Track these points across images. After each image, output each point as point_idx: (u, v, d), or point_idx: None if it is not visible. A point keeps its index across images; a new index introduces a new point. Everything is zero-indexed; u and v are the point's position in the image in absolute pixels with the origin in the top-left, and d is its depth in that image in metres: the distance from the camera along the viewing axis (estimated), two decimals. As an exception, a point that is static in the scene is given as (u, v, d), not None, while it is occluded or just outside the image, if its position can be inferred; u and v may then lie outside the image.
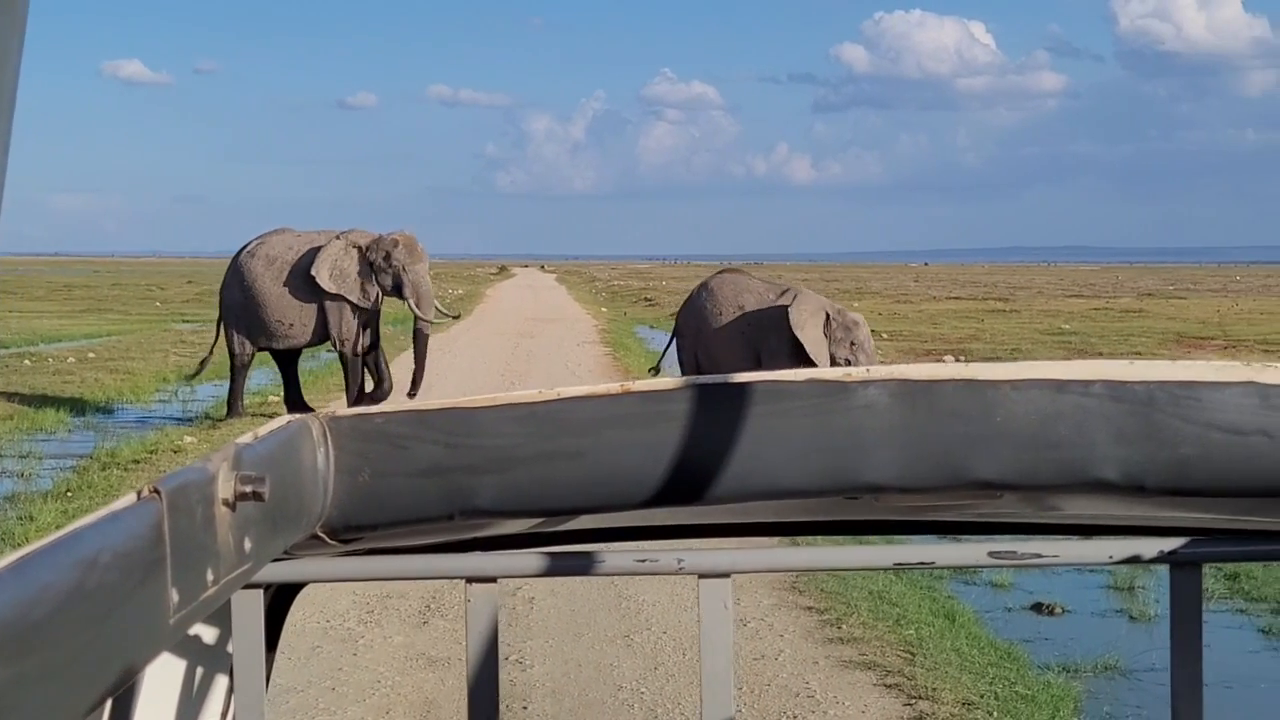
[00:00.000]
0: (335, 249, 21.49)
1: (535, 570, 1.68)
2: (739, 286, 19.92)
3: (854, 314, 19.84)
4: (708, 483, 1.54)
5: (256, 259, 21.82)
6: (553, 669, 9.25)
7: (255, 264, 21.76)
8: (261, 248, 21.96)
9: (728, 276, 20.40)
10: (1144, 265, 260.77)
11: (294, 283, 21.50)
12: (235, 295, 21.93)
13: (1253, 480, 1.52)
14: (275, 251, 21.77)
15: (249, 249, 22.08)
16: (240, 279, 21.84)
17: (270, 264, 21.66)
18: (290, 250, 21.73)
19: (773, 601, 10.84)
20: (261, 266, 21.69)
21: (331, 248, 21.47)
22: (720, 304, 19.65)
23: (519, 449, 1.54)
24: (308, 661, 9.31)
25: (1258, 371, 1.51)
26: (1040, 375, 1.52)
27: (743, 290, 19.79)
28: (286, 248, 21.81)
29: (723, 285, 19.96)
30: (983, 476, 1.53)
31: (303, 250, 21.67)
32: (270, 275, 21.59)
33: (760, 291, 19.75)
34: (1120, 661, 9.82)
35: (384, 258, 21.58)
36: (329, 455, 1.55)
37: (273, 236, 22.21)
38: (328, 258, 21.32)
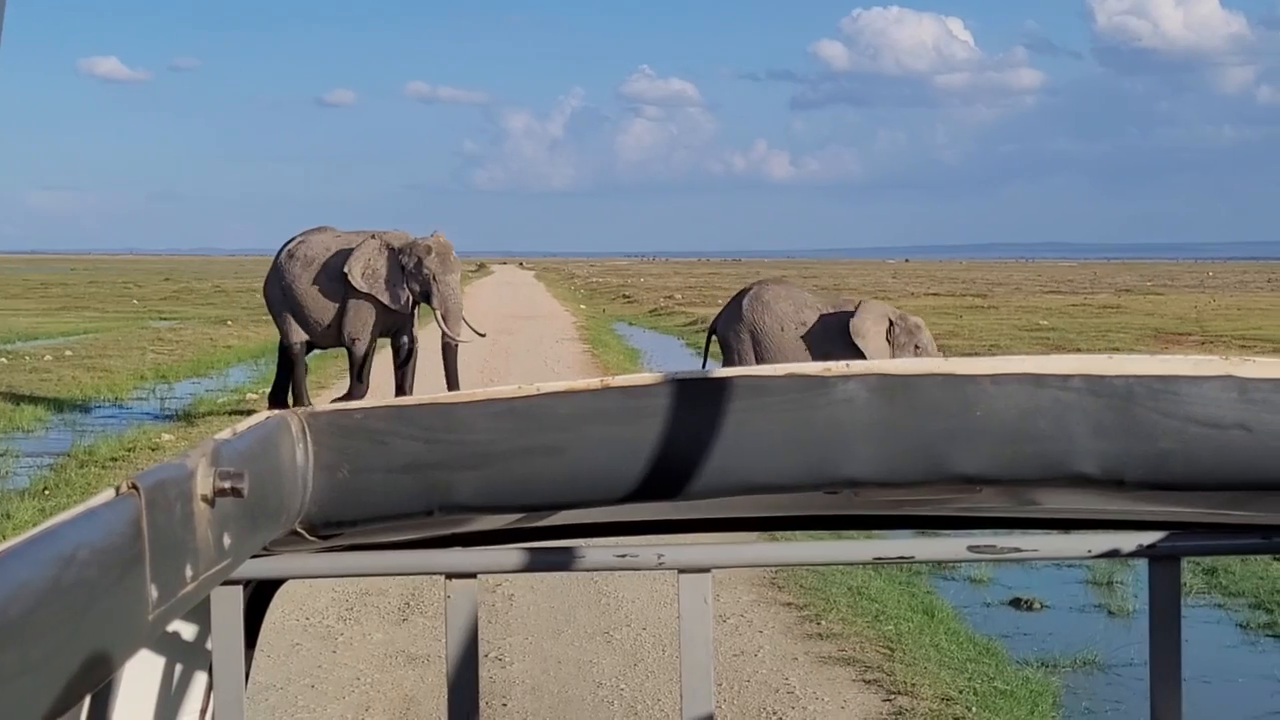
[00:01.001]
0: (370, 248, 21.08)
1: (515, 566, 1.67)
2: (797, 301, 19.66)
3: (915, 318, 19.74)
4: (687, 478, 1.54)
5: (295, 260, 21.51)
6: (532, 666, 9.25)
7: (294, 265, 21.46)
8: (301, 248, 21.62)
9: (779, 289, 20.02)
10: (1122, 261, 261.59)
11: (328, 283, 21.17)
12: (275, 292, 21.68)
13: (1231, 474, 1.52)
14: (313, 252, 21.43)
15: (289, 249, 21.79)
16: (280, 278, 21.59)
17: (308, 265, 21.34)
18: (328, 251, 21.36)
19: (752, 597, 10.84)
20: (299, 268, 21.38)
21: (366, 246, 21.08)
22: (780, 317, 19.35)
23: (498, 444, 1.54)
24: (287, 659, 9.30)
25: (1235, 365, 1.51)
26: (1019, 370, 1.53)
27: (802, 305, 19.56)
28: (325, 249, 21.43)
29: (778, 298, 19.62)
30: (962, 471, 1.53)
31: (341, 252, 21.28)
32: (308, 276, 21.27)
33: (818, 305, 19.61)
34: (1099, 656, 9.84)
35: (415, 264, 21.05)
36: (308, 451, 1.55)
37: (312, 236, 21.85)
38: (361, 256, 20.93)
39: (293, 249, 21.71)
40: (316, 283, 21.25)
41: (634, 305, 64.83)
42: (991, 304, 61.49)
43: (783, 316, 19.43)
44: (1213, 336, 40.04)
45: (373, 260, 21.00)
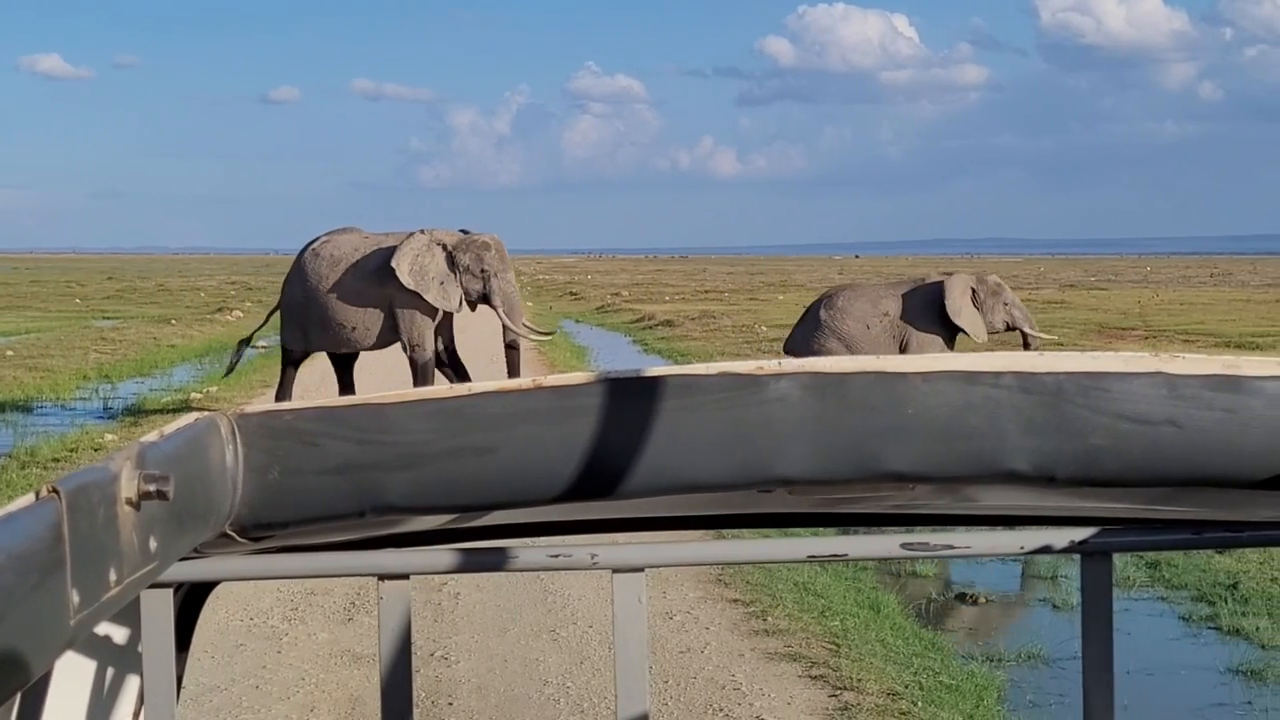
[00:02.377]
0: (418, 243, 20.01)
1: (448, 566, 1.67)
2: (870, 296, 19.77)
3: (993, 276, 19.90)
4: (620, 477, 1.54)
5: (321, 259, 20.50)
6: (478, 664, 9.23)
7: (319, 264, 20.44)
8: (326, 247, 20.66)
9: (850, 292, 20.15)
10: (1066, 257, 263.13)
11: (358, 284, 20.14)
12: (296, 293, 20.66)
13: (1161, 470, 1.53)
14: (341, 252, 20.44)
15: (313, 248, 20.80)
16: (303, 278, 20.55)
17: (335, 264, 20.32)
18: (357, 251, 20.39)
19: (699, 594, 10.85)
20: (326, 267, 20.35)
21: (414, 242, 20.01)
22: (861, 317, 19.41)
23: (430, 445, 1.53)
24: (231, 659, 9.25)
25: (1165, 362, 1.52)
26: (950, 367, 1.53)
27: (878, 298, 19.66)
28: (353, 248, 20.47)
29: (852, 300, 19.71)
30: (894, 468, 1.54)
31: (369, 251, 20.36)
32: (334, 276, 20.25)
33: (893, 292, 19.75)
34: (1043, 650, 9.91)
35: (474, 260, 20.13)
36: (238, 453, 1.54)
37: (339, 236, 20.93)
38: (409, 252, 19.85)
39: (318, 248, 20.73)
40: (344, 283, 20.23)
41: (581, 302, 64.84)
42: (937, 300, 61.68)
43: (864, 315, 19.48)
44: (1156, 331, 40.34)
45: (421, 257, 19.95)
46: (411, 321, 20.12)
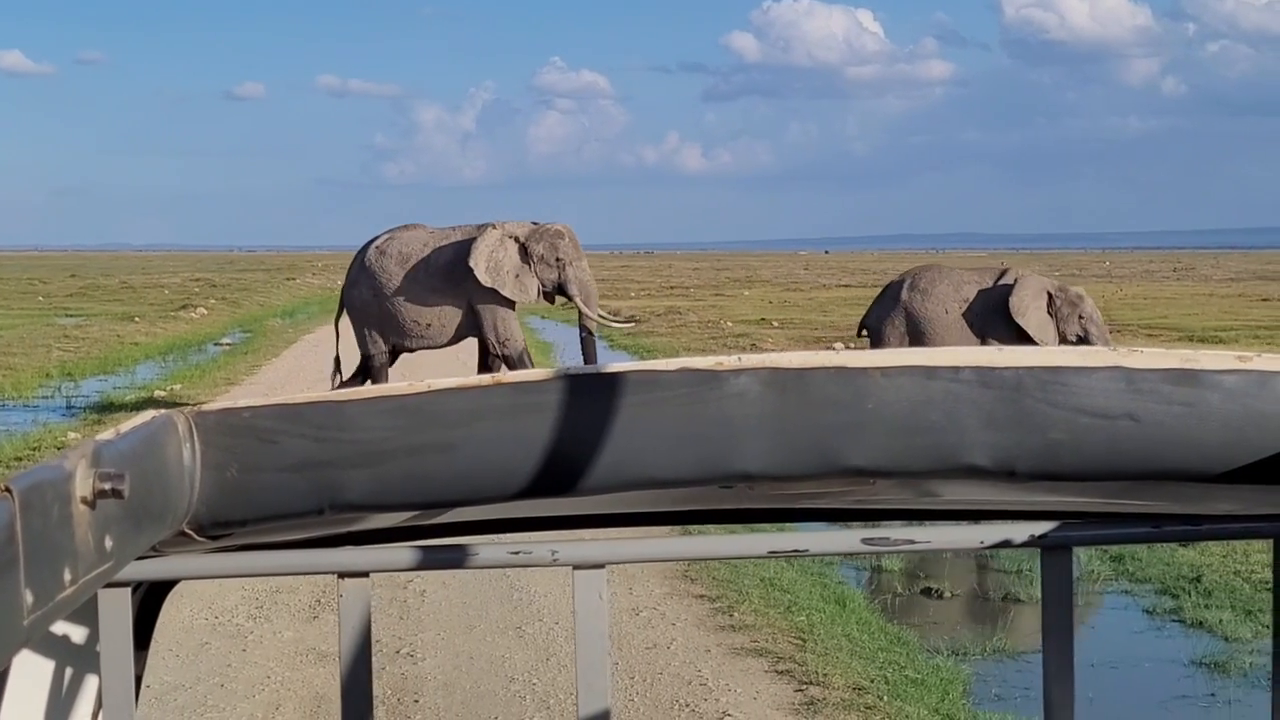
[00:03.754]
0: (491, 239, 19.69)
1: (408, 564, 1.66)
2: (954, 280, 19.50)
3: (1076, 288, 19.67)
4: (581, 473, 1.53)
5: (388, 257, 20.07)
6: (444, 662, 9.21)
7: (388, 262, 20.02)
8: (393, 245, 20.22)
9: (933, 273, 19.84)
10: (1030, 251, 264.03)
11: (431, 281, 19.78)
12: (364, 294, 20.21)
13: (1120, 464, 1.53)
14: (409, 249, 20.05)
15: (378, 245, 20.33)
16: (371, 278, 20.10)
17: (404, 262, 19.92)
18: (425, 247, 20.01)
19: (665, 590, 10.86)
20: (395, 265, 19.94)
21: (488, 238, 19.68)
22: (942, 300, 19.21)
23: (389, 442, 1.52)
24: (196, 658, 9.21)
25: (1123, 356, 1.52)
26: (910, 362, 1.53)
27: (960, 283, 19.41)
28: (421, 244, 20.07)
29: (935, 282, 19.48)
30: (855, 464, 1.54)
31: (438, 246, 19.99)
32: (404, 274, 19.86)
33: (976, 281, 19.45)
34: (1008, 644, 9.95)
35: (549, 249, 19.85)
36: (195, 451, 1.53)
37: (403, 233, 20.45)
38: (484, 248, 19.53)
39: (383, 246, 20.28)
40: (417, 281, 19.83)
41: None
42: (902, 295, 61.88)
43: (944, 299, 19.30)
44: (1120, 325, 40.49)
45: (495, 252, 19.63)
46: (495, 317, 19.83)
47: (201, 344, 36.96)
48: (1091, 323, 19.10)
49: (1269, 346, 31.86)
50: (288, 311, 52.45)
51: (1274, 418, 1.52)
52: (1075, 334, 18.89)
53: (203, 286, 67.03)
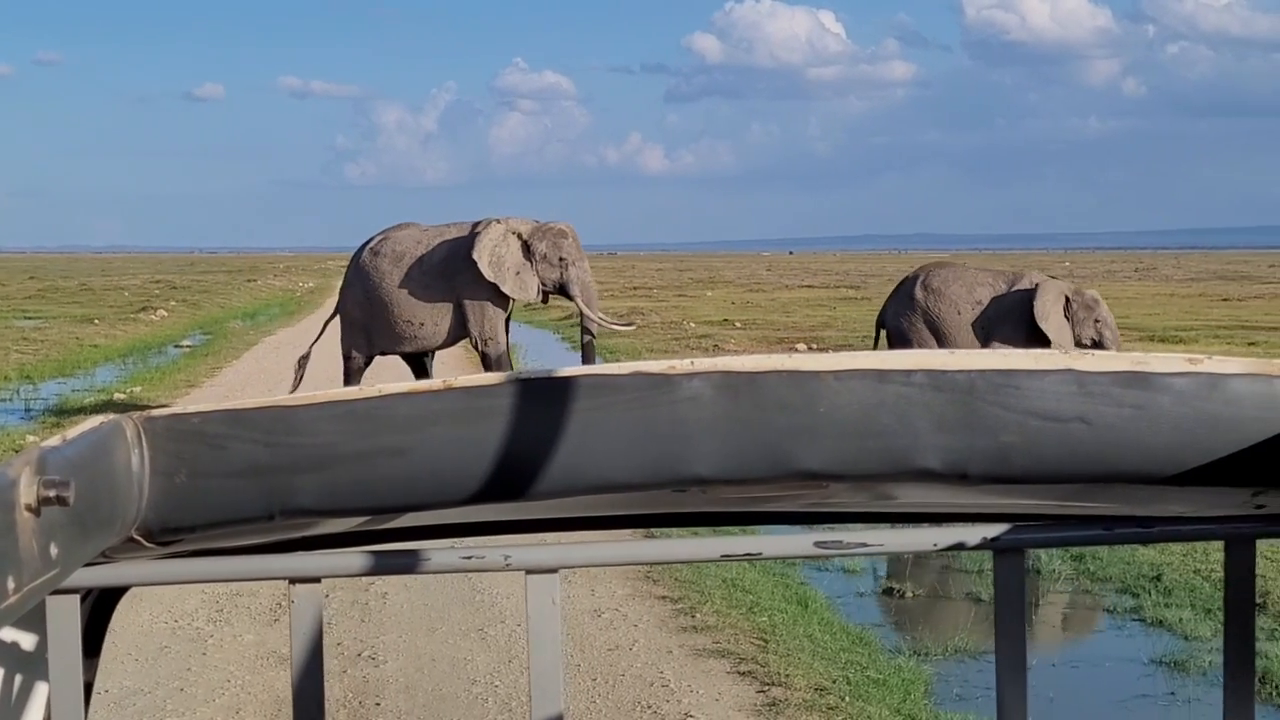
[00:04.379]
0: (495, 233, 19.25)
1: (360, 569, 1.65)
2: (968, 281, 19.41)
3: (1091, 291, 19.56)
4: (533, 478, 1.53)
5: (383, 257, 19.65)
6: (406, 664, 9.19)
7: (381, 262, 19.60)
8: (386, 244, 19.81)
9: (948, 272, 19.71)
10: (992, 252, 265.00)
11: (426, 280, 19.38)
12: (357, 295, 19.83)
13: (1072, 466, 1.54)
14: (403, 248, 19.64)
15: (372, 246, 19.93)
16: (365, 278, 19.72)
17: (398, 261, 19.51)
18: (420, 245, 19.61)
19: (627, 591, 10.86)
20: (389, 265, 19.52)
21: (492, 231, 19.25)
22: (954, 300, 19.12)
23: (340, 447, 1.52)
24: (155, 662, 9.17)
25: (1075, 359, 1.53)
26: (862, 365, 1.53)
27: (974, 285, 19.32)
28: (415, 243, 19.66)
29: (949, 282, 19.37)
30: (808, 467, 1.53)
31: (433, 245, 19.59)
32: (399, 273, 19.44)
33: (991, 283, 19.36)
34: (969, 644, 9.97)
35: (552, 248, 19.45)
36: (143, 456, 1.51)
37: (397, 232, 20.06)
38: (488, 242, 19.11)
39: (376, 246, 19.90)
40: (411, 280, 19.43)
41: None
42: (864, 295, 62.06)
43: (957, 299, 19.19)
44: (1080, 325, 40.65)
45: (498, 247, 19.22)
46: (482, 314, 19.46)
47: (162, 346, 36.78)
48: (1106, 326, 19.05)
49: (1229, 346, 32.08)
50: (249, 313, 52.28)
51: (1224, 420, 1.53)
52: (1090, 337, 18.84)
53: (163, 288, 66.73)
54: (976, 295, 19.23)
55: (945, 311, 19.19)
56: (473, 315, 19.42)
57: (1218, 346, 31.84)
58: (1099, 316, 19.04)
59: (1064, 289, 19.19)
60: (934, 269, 20.09)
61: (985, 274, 19.90)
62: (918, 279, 19.75)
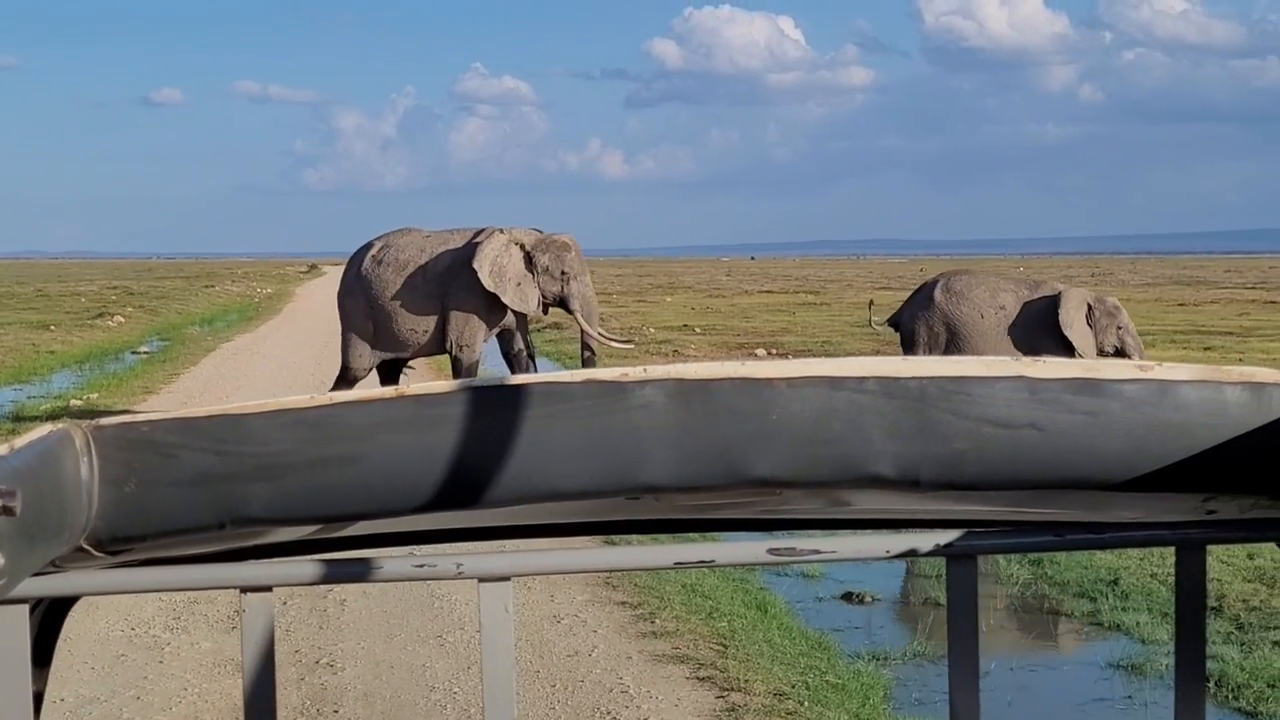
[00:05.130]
0: (498, 243, 19.05)
1: (312, 578, 1.64)
2: (991, 286, 19.32)
3: (1112, 299, 19.52)
4: (486, 486, 1.53)
5: (385, 266, 19.38)
6: (364, 671, 9.16)
7: (384, 271, 19.33)
8: (389, 252, 19.53)
9: (970, 278, 19.64)
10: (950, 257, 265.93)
11: (429, 288, 19.17)
12: (359, 303, 19.52)
13: (1024, 473, 1.54)
14: (406, 255, 19.38)
15: (374, 254, 19.63)
16: (367, 287, 19.41)
17: (401, 269, 19.30)
18: (423, 253, 19.38)
19: (586, 597, 10.85)
20: (392, 273, 19.30)
21: (494, 241, 19.05)
22: (977, 305, 19.01)
23: (291, 455, 1.51)
24: (112, 670, 9.11)
25: (1026, 366, 1.53)
26: (815, 372, 1.53)
27: (997, 290, 19.24)
28: (418, 250, 19.43)
29: (971, 286, 19.28)
30: (760, 474, 1.54)
31: (435, 252, 19.39)
32: (403, 282, 19.24)
33: (1014, 289, 19.30)
34: (928, 648, 10.00)
35: (554, 260, 19.27)
36: (93, 465, 1.51)
37: (399, 239, 19.79)
38: (490, 252, 18.90)
39: (378, 254, 19.61)
40: (414, 288, 19.22)
41: (469, 305, 64.38)
42: (824, 300, 62.21)
43: (980, 304, 19.09)
44: (1038, 330, 40.82)
45: (500, 258, 19.00)
46: (463, 322, 19.19)
47: (119, 352, 36.57)
48: (1128, 333, 19.05)
49: (1186, 351, 32.27)
50: (207, 319, 52.03)
51: (1174, 426, 1.54)
52: (1112, 344, 18.82)
53: (120, 294, 66.36)
54: (1000, 300, 19.18)
55: (967, 315, 19.13)
56: (454, 321, 19.22)
57: (1174, 351, 32.05)
58: (1120, 324, 19.05)
59: (1086, 296, 19.16)
60: (956, 273, 20.06)
61: (1008, 280, 19.89)
62: (939, 282, 19.67)
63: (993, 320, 19.08)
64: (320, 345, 35.43)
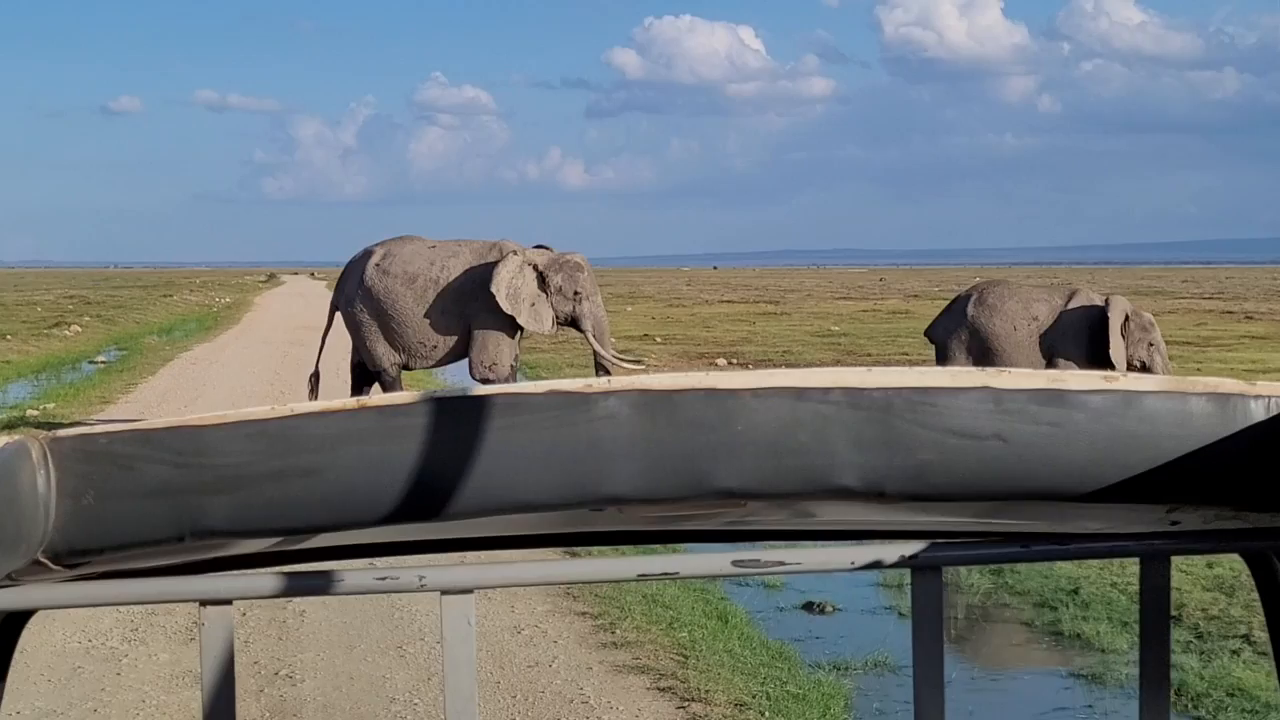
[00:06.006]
0: (512, 266, 19.05)
1: (272, 591, 1.63)
2: (1024, 298, 19.25)
3: (1147, 314, 19.43)
4: (448, 498, 1.51)
5: (392, 276, 19.24)
6: (324, 683, 9.12)
7: (392, 282, 19.19)
8: (395, 262, 19.35)
9: (1002, 289, 19.56)
10: (910, 267, 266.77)
11: (443, 302, 19.07)
12: (366, 314, 19.29)
13: (989, 484, 1.54)
14: (414, 267, 19.25)
15: (377, 263, 19.44)
16: (373, 298, 19.27)
17: (410, 281, 19.16)
18: (432, 265, 19.25)
19: (547, 608, 10.83)
20: (400, 285, 19.16)
21: (509, 264, 19.02)
22: (1010, 317, 18.93)
23: (251, 467, 1.49)
24: (69, 683, 9.05)
25: (992, 376, 1.53)
26: (780, 383, 1.52)
27: (1030, 301, 19.17)
28: (427, 262, 19.30)
29: (1004, 298, 19.21)
30: (725, 485, 1.53)
31: (445, 264, 19.26)
32: (412, 294, 19.10)
33: (1047, 299, 19.22)
34: (889, 658, 10.00)
35: (567, 280, 19.28)
36: (50, 478, 1.49)
37: (401, 248, 19.61)
38: (505, 275, 18.89)
39: (383, 264, 19.42)
40: (426, 301, 19.08)
41: (429, 315, 64.21)
42: (784, 310, 62.30)
43: (1013, 315, 19.01)
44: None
45: (515, 279, 18.96)
46: (491, 344, 19.14)
47: (76, 362, 36.35)
48: (1158, 350, 18.98)
49: (1142, 360, 32.40)
50: (165, 329, 51.77)
51: (1139, 437, 1.53)
52: (1141, 359, 18.73)
53: (77, 303, 65.96)
54: (1033, 311, 19.10)
55: (1000, 327, 19.06)
56: (479, 342, 19.17)
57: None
58: (1153, 340, 19.00)
59: (1125, 307, 19.13)
60: (988, 285, 20.00)
61: (1040, 290, 19.82)
62: (971, 295, 19.63)
63: (1025, 332, 19.02)
64: (279, 355, 35.29)
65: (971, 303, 19.45)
